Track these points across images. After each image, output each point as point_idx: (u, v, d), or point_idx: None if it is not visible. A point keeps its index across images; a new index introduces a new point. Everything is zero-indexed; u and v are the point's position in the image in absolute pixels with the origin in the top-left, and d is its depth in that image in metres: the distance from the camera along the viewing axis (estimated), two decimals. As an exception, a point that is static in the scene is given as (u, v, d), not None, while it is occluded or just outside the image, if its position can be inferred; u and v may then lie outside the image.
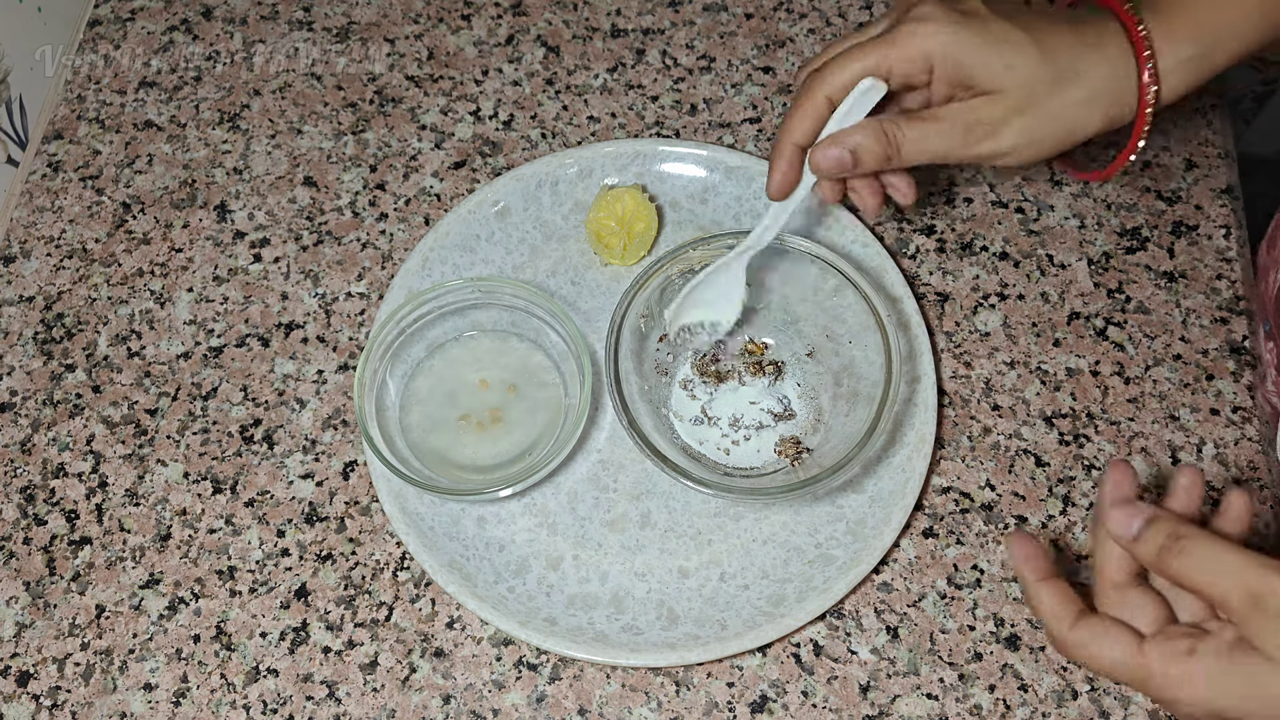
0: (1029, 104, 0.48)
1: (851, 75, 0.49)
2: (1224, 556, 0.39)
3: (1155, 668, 0.40)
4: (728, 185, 0.67)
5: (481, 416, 0.60)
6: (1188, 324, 0.64)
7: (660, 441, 0.55)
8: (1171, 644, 0.40)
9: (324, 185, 0.70)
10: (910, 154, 0.49)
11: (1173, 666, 0.40)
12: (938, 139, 0.48)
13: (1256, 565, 0.38)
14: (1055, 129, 0.48)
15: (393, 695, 0.56)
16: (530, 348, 0.62)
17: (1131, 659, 0.41)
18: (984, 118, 0.48)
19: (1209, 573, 0.39)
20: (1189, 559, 0.39)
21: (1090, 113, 0.48)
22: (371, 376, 0.58)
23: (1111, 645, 0.41)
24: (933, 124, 0.48)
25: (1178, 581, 0.40)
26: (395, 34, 0.75)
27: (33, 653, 0.57)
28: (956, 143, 0.49)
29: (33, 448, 0.62)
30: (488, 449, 0.60)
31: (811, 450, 0.59)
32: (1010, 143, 0.49)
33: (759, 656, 0.56)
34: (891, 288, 0.63)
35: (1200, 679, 0.39)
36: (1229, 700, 0.39)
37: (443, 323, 0.62)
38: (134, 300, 0.66)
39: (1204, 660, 0.39)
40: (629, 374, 0.57)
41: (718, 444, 0.59)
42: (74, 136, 0.72)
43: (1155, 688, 0.40)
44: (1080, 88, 0.47)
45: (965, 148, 0.49)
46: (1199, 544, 0.39)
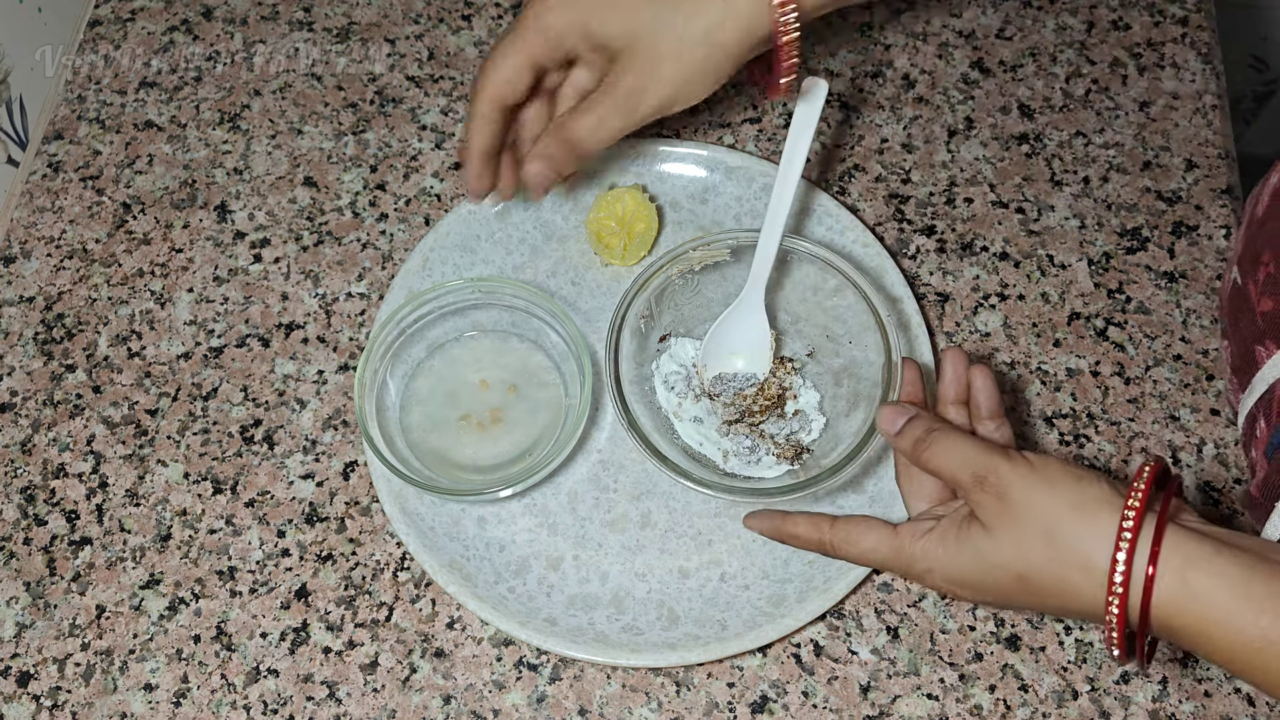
0: (661, 53, 0.48)
1: (502, 77, 0.51)
2: (961, 446, 0.45)
3: (904, 546, 0.46)
4: (728, 185, 0.67)
5: (482, 417, 0.60)
6: (1188, 324, 0.64)
7: (660, 442, 0.55)
8: (918, 524, 0.46)
9: (324, 185, 0.70)
10: (594, 142, 0.50)
11: (918, 542, 0.46)
12: (610, 120, 0.50)
13: (984, 451, 0.44)
14: (699, 66, 0.48)
15: (393, 695, 0.56)
16: (530, 348, 0.62)
17: (885, 542, 0.47)
18: (633, 82, 0.49)
19: (949, 460, 0.45)
20: (936, 449, 0.46)
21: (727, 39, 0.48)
22: (372, 377, 0.58)
23: (866, 533, 0.47)
24: (596, 109, 0.49)
25: (926, 469, 0.47)
26: (396, 34, 0.75)
27: (33, 653, 0.57)
28: (626, 115, 0.49)
29: (33, 448, 0.62)
30: (488, 449, 0.60)
31: (812, 451, 0.59)
32: (668, 92, 0.49)
33: (759, 657, 0.56)
34: (891, 288, 0.63)
35: (937, 550, 0.45)
36: (957, 566, 0.44)
37: (443, 323, 0.62)
38: (134, 300, 0.66)
39: (940, 533, 0.45)
40: (629, 374, 0.57)
41: (718, 444, 0.59)
42: (74, 137, 0.72)
43: (905, 564, 0.46)
44: (702, 19, 0.47)
45: (635, 114, 0.50)
46: (943, 437, 0.46)
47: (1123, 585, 0.40)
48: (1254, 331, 0.52)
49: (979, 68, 0.73)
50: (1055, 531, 0.42)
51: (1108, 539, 0.40)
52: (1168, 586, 0.40)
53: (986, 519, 0.43)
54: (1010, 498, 0.43)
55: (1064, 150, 0.70)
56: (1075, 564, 0.41)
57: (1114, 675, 0.56)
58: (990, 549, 0.43)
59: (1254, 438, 0.52)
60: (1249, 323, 0.52)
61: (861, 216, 0.68)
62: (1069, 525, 0.41)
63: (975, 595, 0.45)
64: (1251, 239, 0.53)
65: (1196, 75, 0.73)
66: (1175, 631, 0.40)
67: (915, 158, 0.70)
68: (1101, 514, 0.41)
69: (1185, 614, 0.40)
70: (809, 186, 0.66)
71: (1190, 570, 0.39)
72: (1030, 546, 0.42)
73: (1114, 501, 0.41)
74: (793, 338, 0.62)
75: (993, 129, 0.71)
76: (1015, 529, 0.42)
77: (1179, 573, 0.39)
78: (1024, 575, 0.43)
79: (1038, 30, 0.75)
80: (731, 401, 0.60)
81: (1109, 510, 0.41)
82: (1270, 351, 0.50)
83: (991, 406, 0.50)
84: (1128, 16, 0.75)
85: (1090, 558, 0.41)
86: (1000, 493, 0.43)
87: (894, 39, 0.75)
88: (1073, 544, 0.41)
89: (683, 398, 0.60)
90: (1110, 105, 0.72)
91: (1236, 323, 0.54)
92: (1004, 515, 0.43)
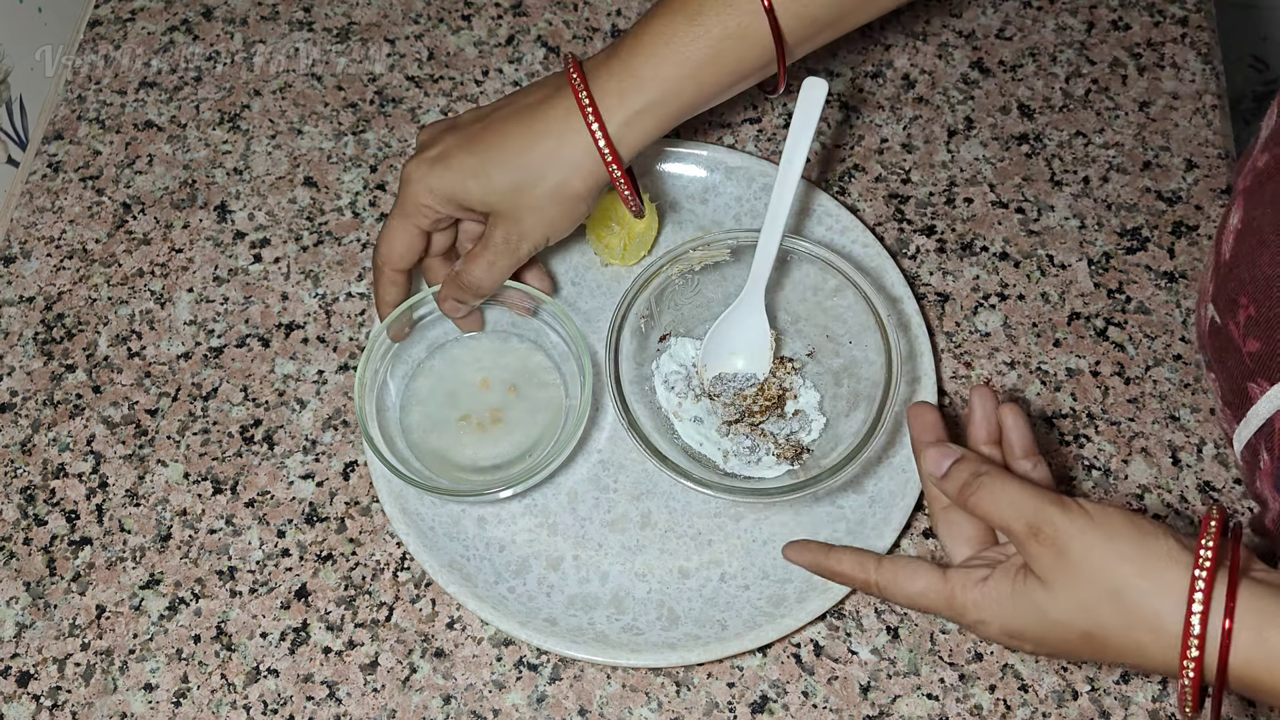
0: (522, 209, 0.54)
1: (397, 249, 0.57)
2: (1011, 492, 0.44)
3: (957, 594, 0.45)
4: (728, 185, 0.67)
5: (482, 417, 0.60)
6: (1188, 324, 0.64)
7: (660, 442, 0.55)
8: (970, 572, 0.45)
9: (324, 185, 0.70)
10: (490, 283, 0.56)
11: (971, 592, 0.44)
12: (497, 263, 0.55)
13: (1036, 500, 0.43)
14: (558, 213, 0.54)
15: (393, 695, 0.56)
16: (530, 348, 0.62)
17: (935, 587, 0.46)
18: (506, 234, 0.54)
19: (999, 506, 0.44)
20: (984, 494, 0.45)
21: (573, 188, 0.53)
22: (372, 377, 0.58)
23: (914, 576, 0.46)
24: (481, 258, 0.55)
25: (975, 514, 0.46)
26: (395, 34, 0.75)
27: (33, 653, 0.57)
28: (509, 257, 0.55)
29: (33, 448, 0.62)
30: (488, 449, 0.60)
31: (812, 451, 0.59)
32: (539, 234, 0.55)
33: (759, 657, 0.56)
34: (891, 288, 0.63)
35: (992, 601, 0.44)
36: (1016, 620, 0.43)
37: (443, 323, 0.62)
38: (134, 300, 0.66)
39: (995, 585, 0.44)
40: (629, 374, 0.57)
41: (718, 444, 0.59)
42: (74, 137, 0.72)
43: (957, 611, 0.45)
44: (550, 177, 0.53)
45: (516, 255, 0.55)
46: (992, 481, 0.45)
47: (1198, 647, 0.39)
48: (1243, 370, 0.52)
49: (979, 68, 0.73)
50: (1121, 591, 0.40)
51: (1178, 598, 0.39)
52: (1245, 644, 0.39)
53: (1044, 573, 0.42)
54: (1070, 554, 0.41)
55: (1064, 150, 0.70)
56: (1144, 625, 0.40)
57: (1114, 675, 0.56)
58: (1050, 605, 0.42)
59: (1257, 469, 0.52)
60: (1236, 362, 0.52)
61: (861, 216, 0.68)
62: (1135, 583, 0.40)
63: (1036, 649, 0.44)
64: (1223, 281, 0.53)
65: (1196, 75, 0.73)
66: (1258, 690, 0.40)
67: (915, 158, 0.70)
68: (1169, 571, 0.40)
69: (1268, 674, 0.39)
70: (809, 186, 0.66)
71: (1268, 628, 0.39)
72: (1094, 605, 0.41)
73: (1181, 557, 0.40)
74: (793, 338, 0.62)
75: (993, 129, 0.71)
76: (1076, 587, 0.41)
77: (1256, 630, 0.39)
78: (1089, 634, 0.42)
79: (1037, 30, 0.75)
80: (731, 401, 0.60)
81: (1177, 567, 0.40)
82: (1264, 388, 0.50)
83: (1026, 445, 0.49)
84: (1128, 16, 0.75)
85: (1160, 618, 0.40)
86: (1058, 547, 0.42)
87: (894, 39, 0.75)
88: (1140, 603, 0.40)
89: (683, 398, 0.60)
90: (1110, 105, 0.72)
91: (1223, 360, 0.53)
92: (1064, 572, 0.42)
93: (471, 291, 0.57)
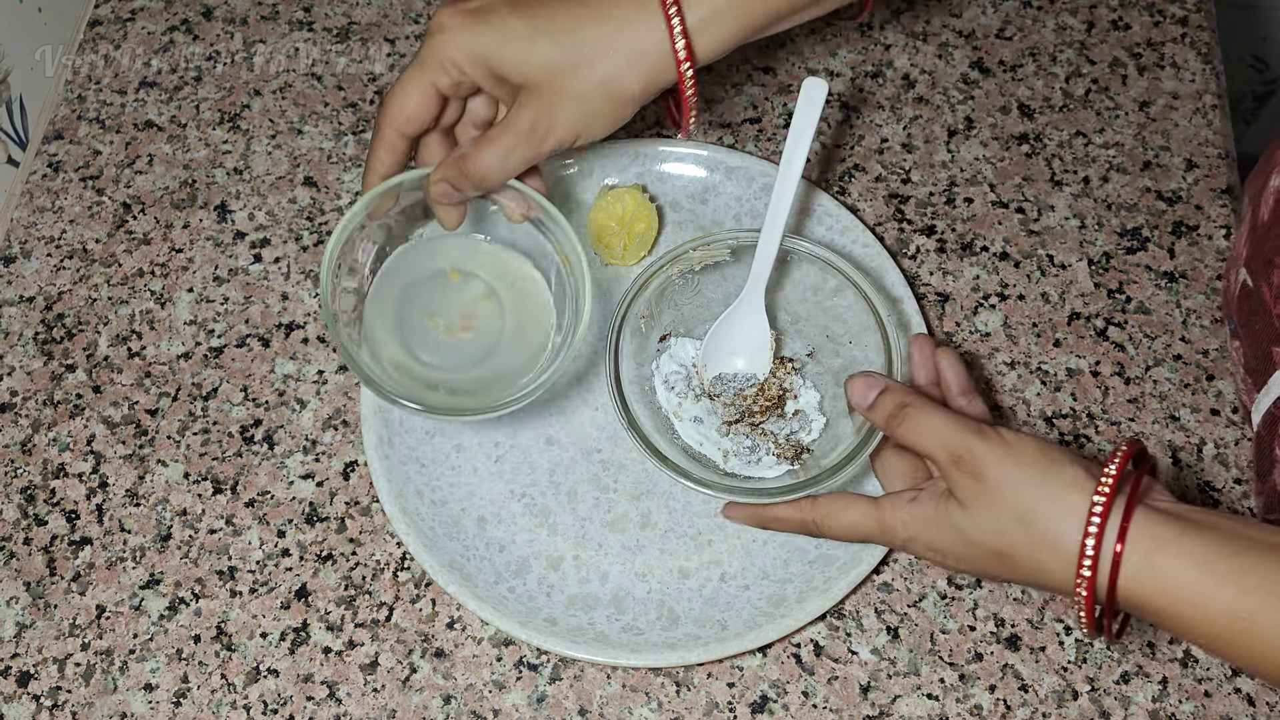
0: (562, 94, 0.48)
1: (406, 106, 0.50)
2: (936, 421, 0.46)
3: (887, 516, 0.48)
4: (728, 185, 0.67)
5: (450, 320, 0.54)
6: (1188, 324, 0.64)
7: (660, 442, 0.55)
8: (899, 496, 0.48)
9: (324, 185, 0.70)
10: (499, 174, 0.50)
11: (900, 512, 0.48)
12: (515, 153, 0.49)
13: (958, 429, 0.45)
14: (600, 109, 0.48)
15: (393, 695, 0.56)
16: (518, 259, 0.56)
17: (868, 513, 0.49)
18: (535, 119, 0.48)
19: (923, 435, 0.47)
20: (909, 424, 0.47)
21: (626, 84, 0.48)
22: (342, 257, 0.52)
23: (848, 507, 0.49)
24: (499, 143, 0.49)
25: (902, 443, 0.48)
26: (395, 34, 0.75)
27: (33, 653, 0.57)
28: (530, 149, 0.49)
29: (33, 448, 0.62)
30: (452, 360, 0.53)
31: (812, 451, 0.59)
32: (571, 130, 0.49)
33: (759, 657, 0.56)
34: (892, 288, 0.63)
35: (918, 520, 0.47)
36: (940, 538, 0.46)
37: (416, 221, 0.55)
38: (134, 300, 0.66)
39: (921, 505, 0.47)
40: (629, 374, 0.57)
41: (718, 444, 0.59)
42: (74, 136, 0.72)
43: (888, 535, 0.48)
44: (605, 64, 0.47)
45: (539, 148, 0.49)
46: (917, 411, 0.47)
47: (1091, 567, 0.41)
48: (1270, 333, 0.52)
49: (979, 68, 0.73)
50: (1028, 513, 0.43)
51: (1078, 521, 0.42)
52: (1135, 567, 0.41)
53: (963, 497, 0.45)
54: (986, 478, 0.44)
55: (1064, 150, 0.70)
56: (1046, 545, 0.43)
57: (1114, 675, 0.56)
58: (969, 526, 0.45)
59: (1275, 437, 0.52)
60: (1264, 325, 0.52)
61: (861, 216, 0.68)
62: (1041, 507, 0.43)
63: (955, 565, 0.47)
64: (1259, 242, 0.53)
65: (1196, 75, 0.73)
66: (1146, 611, 0.42)
67: (915, 158, 0.70)
68: (1072, 496, 0.43)
69: (1155, 595, 0.41)
70: (809, 186, 0.66)
71: (1157, 551, 0.41)
72: (1005, 526, 0.44)
73: (1085, 484, 0.43)
74: (793, 338, 0.62)
75: (993, 129, 0.71)
76: (990, 509, 0.44)
77: (1146, 554, 0.41)
78: (1000, 553, 0.45)
79: (1038, 30, 0.75)
80: (731, 401, 0.60)
81: (1080, 492, 0.43)
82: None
83: (961, 384, 0.52)
84: (1128, 16, 0.75)
85: (1060, 540, 0.42)
86: (976, 473, 0.44)
87: (894, 39, 0.75)
88: (1045, 525, 0.43)
89: (683, 398, 0.60)
90: (1110, 105, 0.72)
91: (1250, 324, 0.53)
92: (980, 495, 0.44)
93: (475, 180, 0.50)
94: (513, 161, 0.50)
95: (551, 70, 0.47)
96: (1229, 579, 0.40)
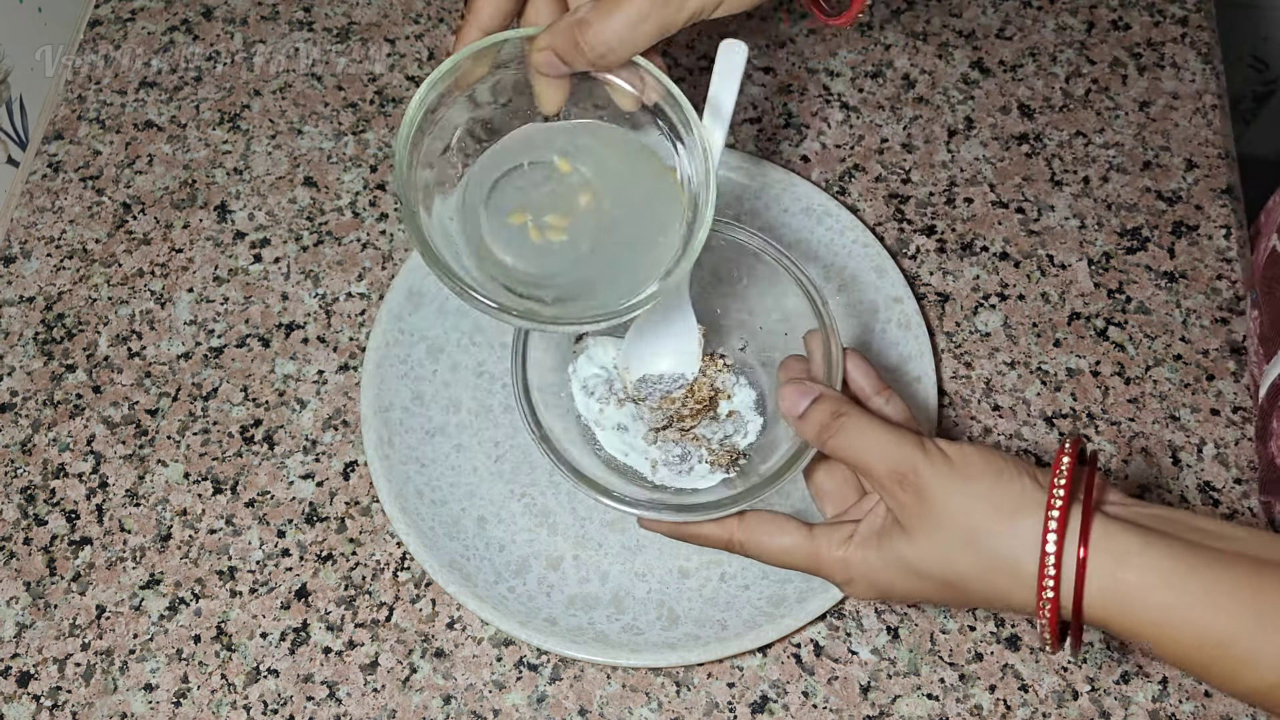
0: None
1: None
2: (874, 434, 0.42)
3: (823, 554, 0.44)
4: (727, 185, 0.67)
5: (541, 221, 0.44)
6: (1188, 324, 0.64)
7: (577, 455, 0.49)
8: (835, 530, 0.44)
9: (324, 185, 0.70)
10: (619, 50, 0.42)
11: (836, 551, 0.43)
12: (649, 21, 0.41)
13: (899, 444, 0.41)
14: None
15: (393, 696, 0.56)
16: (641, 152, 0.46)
17: (800, 545, 0.44)
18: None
19: (859, 449, 0.42)
20: (844, 437, 0.42)
21: None
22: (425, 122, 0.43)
23: (778, 532, 0.45)
24: (626, 8, 0.41)
25: (835, 457, 0.43)
26: (395, 34, 0.75)
27: (33, 653, 0.57)
28: (663, 18, 0.41)
29: (33, 448, 0.62)
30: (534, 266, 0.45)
31: (749, 456, 0.54)
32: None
33: (759, 657, 0.56)
34: (892, 288, 0.63)
35: (858, 561, 0.43)
36: (883, 576, 0.42)
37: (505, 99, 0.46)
38: (134, 300, 0.66)
39: (860, 545, 0.43)
40: (539, 381, 0.51)
41: (645, 454, 0.54)
42: (74, 137, 0.72)
43: (824, 573, 0.44)
44: None
45: (675, 17, 0.42)
46: (854, 422, 0.42)
47: (1053, 590, 0.38)
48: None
49: (979, 67, 0.73)
50: (977, 536, 0.40)
51: (1031, 541, 0.39)
52: (1099, 586, 0.38)
53: (906, 521, 0.41)
54: (930, 499, 0.40)
55: (1064, 150, 0.70)
56: (1002, 569, 0.40)
57: (1114, 675, 0.56)
58: (914, 556, 0.41)
59: (1275, 410, 0.51)
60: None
61: (861, 216, 0.68)
62: (991, 527, 0.40)
63: (904, 600, 0.44)
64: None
65: (1196, 75, 0.73)
66: (1112, 629, 0.39)
67: (915, 158, 0.70)
68: (1023, 514, 0.39)
69: (1121, 615, 0.39)
70: (810, 186, 0.66)
71: (1121, 568, 0.38)
72: (953, 552, 0.40)
73: (1035, 497, 0.40)
74: (724, 331, 0.57)
75: (993, 129, 0.71)
76: (936, 534, 0.41)
77: (1110, 571, 0.38)
78: (951, 583, 0.41)
79: (1038, 30, 0.75)
80: (658, 406, 0.54)
81: (1031, 508, 0.39)
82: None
83: (873, 383, 0.47)
84: (1128, 16, 0.75)
85: (1017, 562, 0.39)
86: (919, 492, 0.41)
87: (894, 39, 0.75)
88: (997, 549, 0.40)
89: (604, 404, 0.55)
90: (1110, 105, 0.72)
91: (1271, 291, 0.52)
92: (924, 518, 0.41)
93: (591, 53, 0.42)
94: (641, 33, 0.41)
95: None
96: (1200, 599, 0.37)
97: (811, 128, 0.71)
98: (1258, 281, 0.54)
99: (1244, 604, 0.37)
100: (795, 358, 0.49)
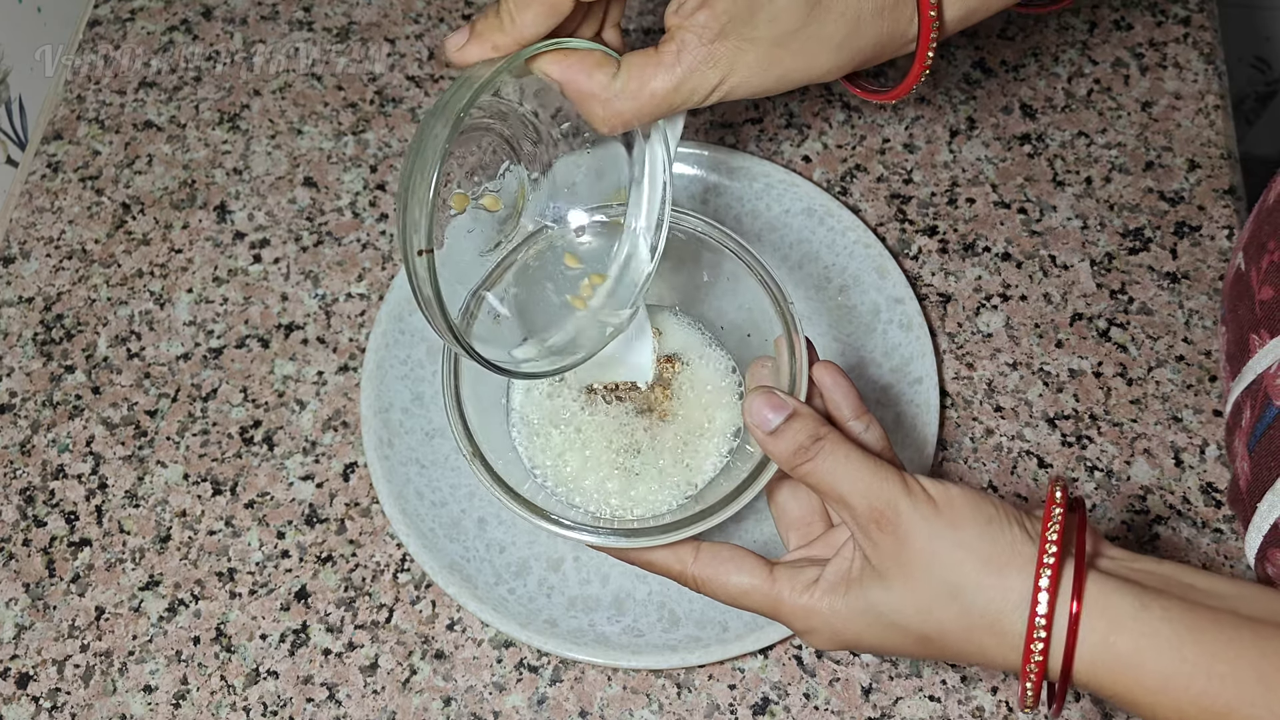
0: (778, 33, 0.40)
1: None
2: (855, 465, 0.38)
3: (784, 599, 0.40)
4: (729, 185, 0.67)
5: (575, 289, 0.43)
6: (1190, 325, 0.64)
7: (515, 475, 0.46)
8: (798, 574, 0.40)
9: (324, 186, 0.70)
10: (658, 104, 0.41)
11: (800, 598, 0.40)
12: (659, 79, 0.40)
13: (881, 479, 0.38)
14: (797, 64, 0.42)
15: (393, 697, 0.55)
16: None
17: (760, 587, 0.40)
18: (720, 52, 0.40)
19: (837, 480, 0.38)
20: (822, 463, 0.39)
21: (838, 54, 0.42)
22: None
23: (736, 570, 0.41)
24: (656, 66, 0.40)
25: (807, 482, 0.40)
26: (396, 34, 0.75)
27: (32, 654, 0.57)
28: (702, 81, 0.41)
29: (32, 449, 0.62)
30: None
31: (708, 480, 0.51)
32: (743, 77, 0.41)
33: (761, 658, 0.56)
34: (894, 288, 0.63)
35: (822, 610, 0.39)
36: (849, 628, 0.39)
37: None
38: (134, 301, 0.66)
39: (826, 592, 0.39)
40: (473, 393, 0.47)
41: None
42: (74, 137, 0.72)
43: (783, 619, 0.41)
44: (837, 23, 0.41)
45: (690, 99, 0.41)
46: (834, 449, 0.39)
47: (1042, 654, 0.36)
48: (1251, 320, 0.51)
49: (981, 67, 0.73)
50: (961, 590, 0.37)
51: (1020, 599, 0.36)
52: (1091, 650, 0.36)
53: (882, 566, 0.38)
54: (911, 544, 0.37)
55: (1066, 150, 0.70)
56: (985, 627, 0.37)
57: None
58: (888, 606, 0.38)
59: (1238, 426, 0.51)
60: (1247, 310, 0.51)
61: (863, 217, 0.67)
62: (977, 581, 0.37)
63: (872, 651, 0.41)
64: (1260, 225, 0.52)
65: (1199, 75, 0.72)
66: (1103, 693, 0.37)
67: (917, 158, 0.70)
68: (1012, 569, 0.37)
69: (1114, 681, 0.36)
70: (811, 187, 0.66)
71: (1115, 633, 0.36)
72: (932, 606, 0.38)
73: (1025, 550, 0.37)
74: (680, 332, 0.55)
75: (995, 129, 0.71)
76: (914, 584, 0.38)
77: (1103, 636, 0.36)
78: (929, 637, 0.38)
79: (1040, 30, 0.75)
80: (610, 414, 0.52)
81: (1020, 562, 0.37)
82: (1263, 340, 0.49)
83: (854, 404, 0.43)
84: (1130, 16, 0.75)
85: (1001, 620, 0.37)
86: (900, 536, 0.38)
87: (895, 39, 0.74)
88: (981, 605, 0.37)
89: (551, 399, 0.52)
90: (1112, 105, 0.72)
91: (1235, 309, 0.53)
92: (903, 565, 0.38)
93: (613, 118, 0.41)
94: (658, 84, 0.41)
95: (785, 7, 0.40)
96: (1199, 666, 0.35)
97: (813, 128, 0.71)
98: (1225, 298, 0.54)
99: (1246, 671, 0.35)
100: (764, 361, 0.45)
